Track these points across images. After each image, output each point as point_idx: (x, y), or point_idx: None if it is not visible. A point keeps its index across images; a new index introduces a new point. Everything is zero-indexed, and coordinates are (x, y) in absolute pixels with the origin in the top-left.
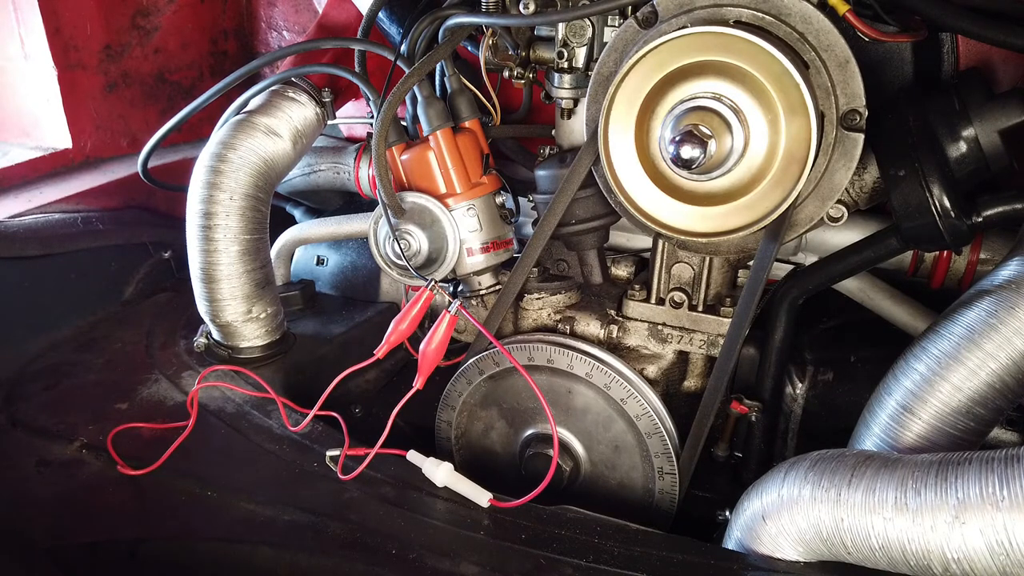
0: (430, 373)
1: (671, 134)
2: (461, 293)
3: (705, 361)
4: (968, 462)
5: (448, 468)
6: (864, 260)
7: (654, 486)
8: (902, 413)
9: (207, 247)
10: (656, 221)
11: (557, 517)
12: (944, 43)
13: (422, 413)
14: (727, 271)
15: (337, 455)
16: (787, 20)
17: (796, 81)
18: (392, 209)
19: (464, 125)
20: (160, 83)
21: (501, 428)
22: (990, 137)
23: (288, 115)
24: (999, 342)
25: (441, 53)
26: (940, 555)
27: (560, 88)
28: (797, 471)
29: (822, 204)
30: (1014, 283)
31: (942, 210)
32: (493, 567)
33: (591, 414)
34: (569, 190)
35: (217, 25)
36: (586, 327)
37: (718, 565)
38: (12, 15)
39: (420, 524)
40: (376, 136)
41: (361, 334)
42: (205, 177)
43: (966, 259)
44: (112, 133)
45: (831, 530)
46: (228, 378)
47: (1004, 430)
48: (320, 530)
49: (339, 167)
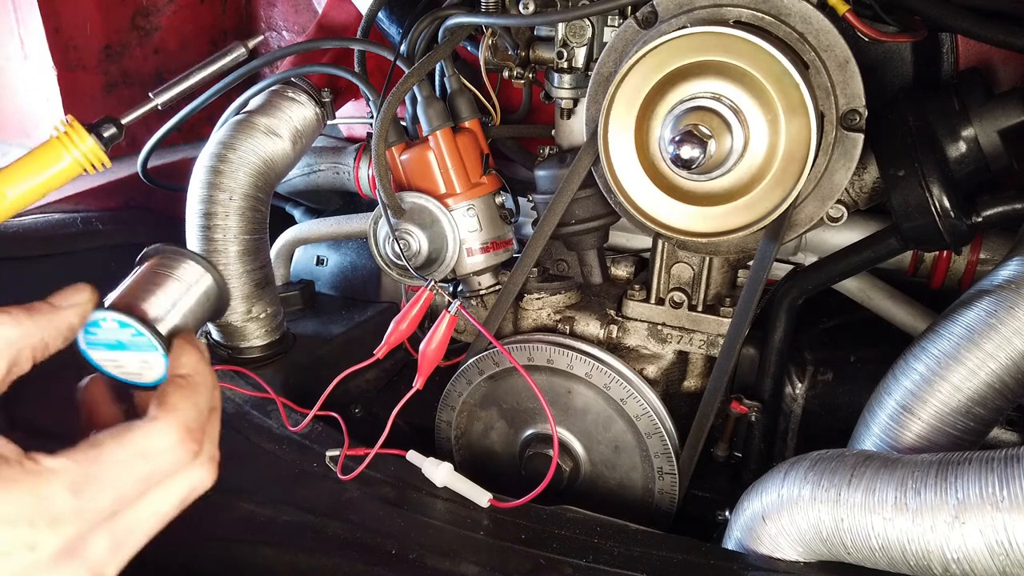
0: (430, 373)
1: (671, 134)
2: (461, 293)
3: (705, 361)
4: (968, 462)
5: (448, 468)
6: (864, 260)
7: (654, 486)
8: (902, 413)
9: (207, 247)
10: (656, 221)
11: (557, 517)
12: (944, 43)
13: (422, 413)
14: (727, 271)
15: (337, 455)
16: (787, 20)
17: (796, 81)
18: (392, 209)
19: (464, 125)
20: (160, 83)
21: (501, 428)
22: (990, 137)
23: (288, 115)
24: (999, 342)
25: (441, 53)
26: (940, 555)
27: (560, 88)
28: (797, 471)
29: (822, 204)
30: (1014, 283)
31: (942, 210)
32: (493, 567)
33: (591, 414)
34: (569, 190)
35: (217, 25)
36: (586, 327)
37: (718, 565)
38: (12, 15)
39: (420, 524)
40: (376, 136)
41: (361, 334)
42: (205, 177)
43: (966, 259)
44: None
45: (831, 530)
46: (228, 378)
47: (1004, 430)
48: (320, 530)
49: (339, 167)
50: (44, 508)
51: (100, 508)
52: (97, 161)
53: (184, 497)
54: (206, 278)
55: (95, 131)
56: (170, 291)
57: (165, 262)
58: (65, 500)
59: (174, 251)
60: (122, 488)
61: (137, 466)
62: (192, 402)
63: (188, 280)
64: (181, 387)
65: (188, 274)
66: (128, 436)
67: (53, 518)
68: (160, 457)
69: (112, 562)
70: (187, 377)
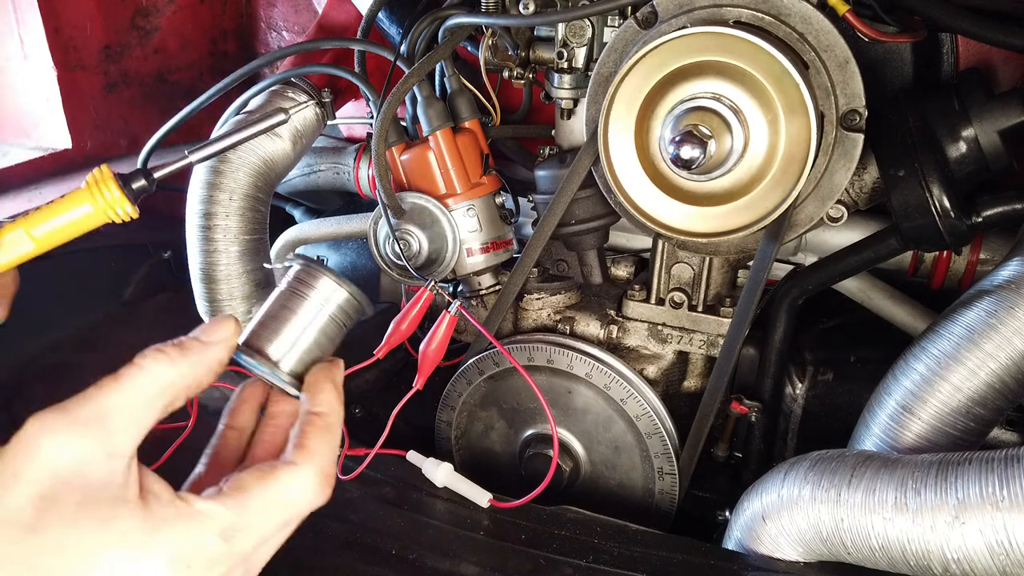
0: (430, 373)
1: (671, 134)
2: (461, 293)
3: (705, 361)
4: (968, 462)
5: (448, 468)
6: (864, 260)
7: (654, 486)
8: (902, 413)
9: (207, 247)
10: (656, 221)
11: (557, 517)
12: (944, 43)
13: (422, 413)
14: (727, 271)
15: (337, 455)
16: (787, 20)
17: (796, 81)
18: (392, 209)
19: (464, 125)
20: (160, 83)
21: (501, 428)
22: (990, 137)
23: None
24: (999, 342)
25: (441, 53)
26: (940, 555)
27: (560, 88)
28: (797, 471)
29: (822, 204)
30: (1014, 283)
31: (942, 210)
32: (493, 567)
33: (591, 414)
34: (569, 190)
35: (217, 25)
36: (586, 327)
37: (718, 565)
38: (12, 15)
39: (420, 524)
40: (376, 136)
41: (361, 334)
42: (205, 177)
43: (966, 259)
44: (112, 133)
45: (831, 530)
46: (228, 378)
47: (1004, 430)
48: (320, 530)
49: (339, 167)
50: (199, 552)
51: (245, 552)
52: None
53: (300, 521)
54: (339, 293)
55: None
56: (302, 317)
57: (298, 283)
58: (217, 545)
59: (306, 269)
60: (265, 533)
61: (281, 513)
62: (329, 445)
63: (319, 299)
64: (318, 428)
65: (320, 293)
66: (273, 483)
67: (209, 560)
68: (302, 503)
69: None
70: (323, 416)
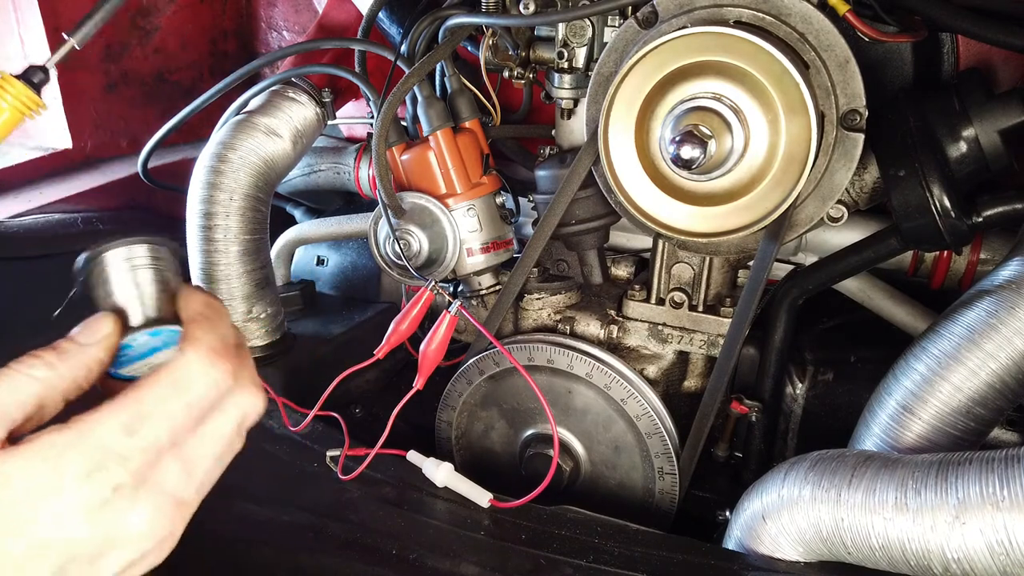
0: (430, 373)
1: (671, 134)
2: (461, 293)
3: (705, 361)
4: (968, 462)
5: (448, 468)
6: (864, 260)
7: (654, 486)
8: (902, 413)
9: (207, 247)
10: (656, 221)
11: (557, 517)
12: (944, 43)
13: (422, 413)
14: (727, 271)
15: (337, 455)
16: (787, 20)
17: (796, 81)
18: (392, 209)
19: (464, 125)
20: (160, 83)
21: (501, 428)
22: (990, 137)
23: (288, 115)
24: (999, 342)
25: (441, 53)
26: (940, 555)
27: (560, 88)
28: (797, 471)
29: (822, 204)
30: (1014, 283)
31: (942, 210)
32: (493, 567)
33: (591, 414)
34: (569, 190)
35: (217, 25)
36: (586, 327)
37: (718, 565)
38: (12, 15)
39: (420, 524)
40: (376, 136)
41: (361, 334)
42: (205, 177)
43: (966, 259)
44: (112, 133)
45: (831, 530)
46: None
47: (1004, 430)
48: (320, 530)
49: (339, 167)
50: (107, 450)
51: (157, 439)
52: (34, 104)
53: (240, 421)
54: (159, 250)
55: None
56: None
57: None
58: (122, 440)
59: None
60: (171, 419)
61: (178, 396)
62: (212, 331)
63: (157, 258)
64: (197, 322)
65: (149, 254)
66: (161, 373)
67: (119, 456)
68: (196, 383)
69: (190, 486)
70: (201, 313)
